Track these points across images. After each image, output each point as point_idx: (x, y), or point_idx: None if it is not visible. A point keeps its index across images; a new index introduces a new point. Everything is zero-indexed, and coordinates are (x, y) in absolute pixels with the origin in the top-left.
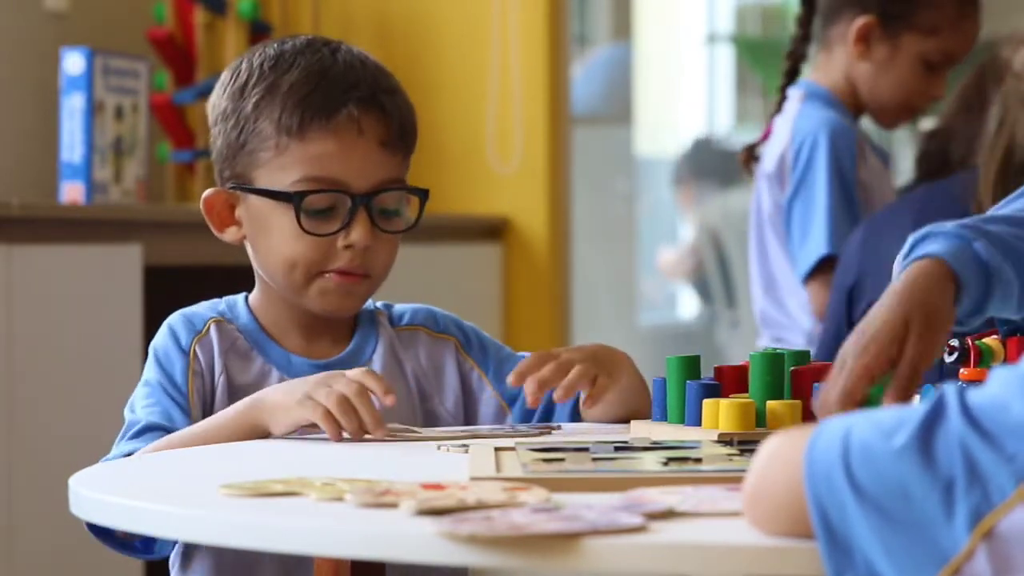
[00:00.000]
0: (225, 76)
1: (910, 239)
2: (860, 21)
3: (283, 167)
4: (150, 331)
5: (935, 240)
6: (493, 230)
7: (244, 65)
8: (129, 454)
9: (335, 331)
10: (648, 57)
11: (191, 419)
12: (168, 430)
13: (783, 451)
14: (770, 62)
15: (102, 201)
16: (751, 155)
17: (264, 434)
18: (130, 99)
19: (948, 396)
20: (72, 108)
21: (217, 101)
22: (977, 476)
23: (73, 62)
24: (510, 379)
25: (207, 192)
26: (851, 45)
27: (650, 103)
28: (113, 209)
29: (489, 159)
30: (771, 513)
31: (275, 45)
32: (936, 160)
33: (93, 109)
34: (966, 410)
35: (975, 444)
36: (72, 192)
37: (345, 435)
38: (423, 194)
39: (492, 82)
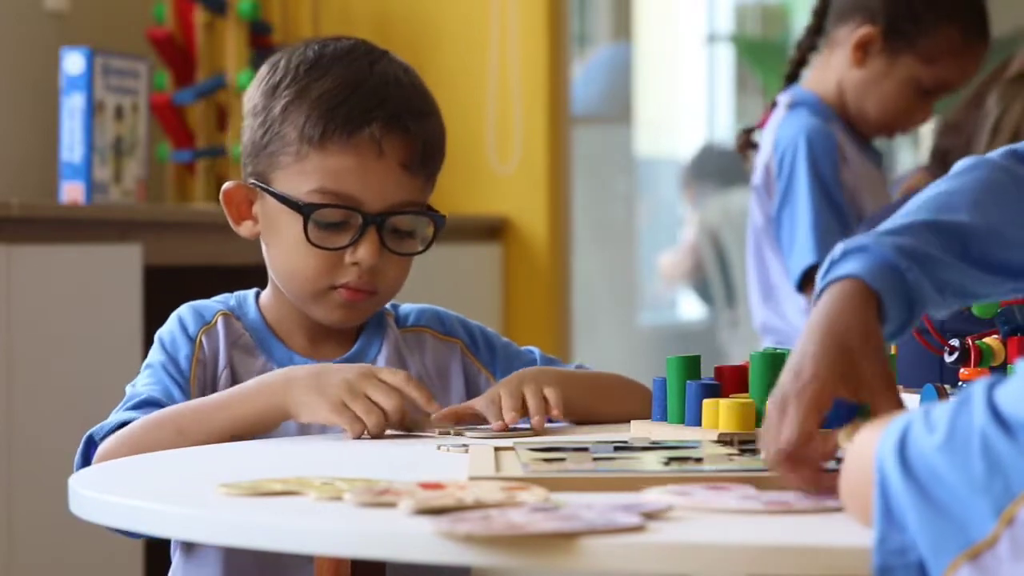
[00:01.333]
0: (263, 70)
1: (828, 258)
2: (864, 29)
3: (301, 174)
4: (150, 331)
5: (853, 259)
6: (493, 230)
7: (282, 63)
8: (123, 423)
9: (341, 332)
10: (648, 57)
11: (189, 399)
12: (165, 405)
13: (867, 445)
14: (770, 62)
15: (102, 201)
16: (748, 140)
17: (287, 418)
18: (130, 99)
19: (976, 389)
20: (72, 108)
21: (252, 94)
22: (998, 467)
23: (73, 62)
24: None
25: (227, 184)
26: (850, 51)
27: (650, 103)
28: (113, 209)
29: (489, 159)
30: (864, 502)
31: (316, 46)
32: (948, 155)
33: (93, 109)
34: (991, 402)
35: (995, 435)
36: (72, 192)
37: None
38: (438, 220)
39: (492, 82)
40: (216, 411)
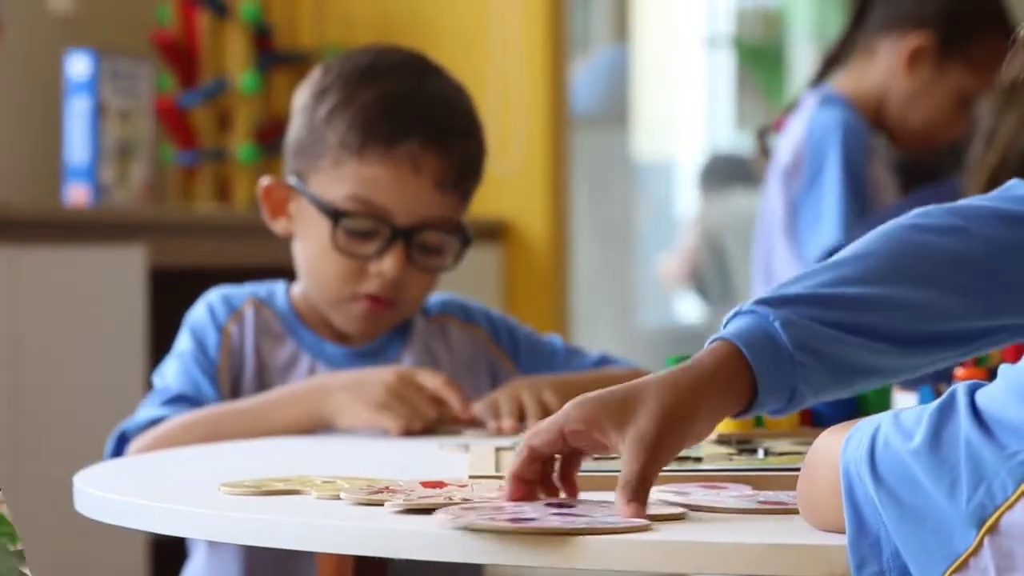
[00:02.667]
0: (318, 71)
1: (733, 310)
2: (917, 38)
3: (336, 179)
4: (154, 333)
5: (744, 318)
6: (493, 232)
7: (336, 66)
8: (155, 420)
9: None
10: (648, 60)
11: (220, 392)
12: (196, 401)
13: (827, 449)
14: (769, 66)
15: (107, 203)
16: (764, 142)
17: (323, 426)
18: (135, 101)
19: (959, 393)
20: (77, 110)
21: (302, 93)
22: (981, 473)
23: (78, 64)
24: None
25: (267, 181)
26: (900, 59)
27: (650, 106)
28: (117, 211)
29: (489, 161)
30: (819, 508)
31: (371, 55)
32: (920, 164)
33: (99, 111)
34: (973, 407)
35: (979, 441)
36: (77, 194)
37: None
38: (464, 239)
39: (492, 83)
40: (250, 417)
